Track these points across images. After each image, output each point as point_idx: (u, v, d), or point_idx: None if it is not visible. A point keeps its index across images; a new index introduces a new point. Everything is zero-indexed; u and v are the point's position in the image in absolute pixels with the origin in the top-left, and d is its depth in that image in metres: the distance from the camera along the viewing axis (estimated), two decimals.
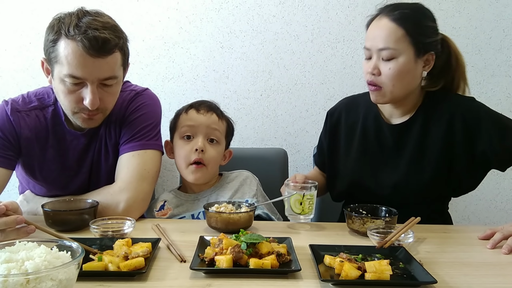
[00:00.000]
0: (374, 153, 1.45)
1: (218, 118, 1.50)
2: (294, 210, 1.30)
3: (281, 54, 2.17)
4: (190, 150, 1.44)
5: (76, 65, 1.18)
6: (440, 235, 1.26)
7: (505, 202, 2.27)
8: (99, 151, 1.40)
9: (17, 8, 2.12)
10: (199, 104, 1.52)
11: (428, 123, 1.39)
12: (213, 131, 1.47)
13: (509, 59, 2.18)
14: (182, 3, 2.14)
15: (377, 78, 1.32)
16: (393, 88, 1.31)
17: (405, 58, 1.29)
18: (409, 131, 1.40)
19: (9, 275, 0.67)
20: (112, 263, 0.91)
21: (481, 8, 2.14)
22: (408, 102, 1.39)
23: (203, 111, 1.48)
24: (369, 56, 1.34)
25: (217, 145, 1.49)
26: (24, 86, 2.13)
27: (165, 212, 1.50)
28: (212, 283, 0.88)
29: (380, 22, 1.31)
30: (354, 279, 0.89)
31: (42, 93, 1.40)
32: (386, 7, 1.34)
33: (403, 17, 1.29)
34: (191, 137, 1.47)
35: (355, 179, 1.47)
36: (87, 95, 1.21)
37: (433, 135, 1.37)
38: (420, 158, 1.38)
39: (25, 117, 1.34)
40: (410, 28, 1.28)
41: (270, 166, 1.79)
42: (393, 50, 1.28)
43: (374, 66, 1.31)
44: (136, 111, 1.40)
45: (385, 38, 1.28)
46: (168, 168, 2.22)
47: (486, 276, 0.97)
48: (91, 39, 1.16)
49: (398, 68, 1.28)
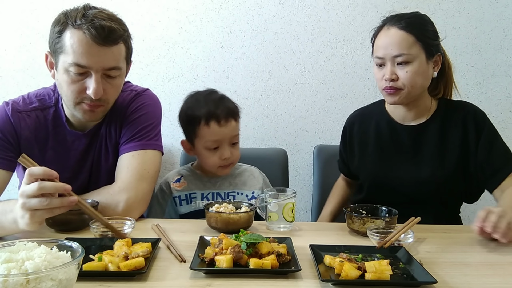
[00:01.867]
0: (390, 153, 1.53)
1: (236, 121, 1.55)
2: (287, 218, 1.25)
3: (281, 54, 2.18)
4: (218, 159, 1.52)
5: (82, 53, 1.19)
6: (440, 235, 1.26)
7: None
8: (99, 151, 1.40)
9: (17, 8, 2.12)
10: (217, 111, 1.48)
11: (445, 126, 1.49)
12: (235, 137, 1.55)
13: (509, 59, 2.18)
14: (182, 3, 2.14)
15: (395, 83, 1.40)
16: (411, 89, 1.40)
17: (419, 61, 1.39)
18: (427, 132, 1.49)
19: (9, 275, 0.67)
20: (112, 263, 0.91)
21: (481, 8, 2.15)
22: (420, 104, 1.49)
23: (224, 121, 1.49)
24: (382, 63, 1.42)
25: (237, 144, 1.58)
26: (24, 86, 2.13)
27: (181, 185, 1.59)
28: (212, 283, 0.88)
29: (390, 32, 1.40)
30: (354, 279, 0.89)
31: (43, 94, 1.40)
32: (391, 18, 1.43)
33: (410, 24, 1.39)
34: (216, 147, 1.52)
35: (375, 178, 1.54)
36: (91, 84, 1.22)
37: (451, 136, 1.47)
38: (441, 156, 1.47)
39: (25, 117, 1.34)
40: (419, 34, 1.38)
41: (270, 166, 1.79)
42: (407, 55, 1.37)
43: (391, 72, 1.39)
44: (137, 111, 1.40)
45: (398, 45, 1.37)
46: (168, 168, 2.22)
47: (486, 276, 0.97)
48: (97, 28, 1.18)
49: (415, 71, 1.38)
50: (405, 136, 1.52)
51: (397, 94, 1.42)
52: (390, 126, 1.55)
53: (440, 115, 1.51)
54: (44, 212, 1.00)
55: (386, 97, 1.47)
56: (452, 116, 1.50)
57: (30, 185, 0.98)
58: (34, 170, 1.00)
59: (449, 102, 1.55)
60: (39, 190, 0.97)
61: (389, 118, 1.56)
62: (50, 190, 0.99)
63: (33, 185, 0.98)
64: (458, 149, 1.46)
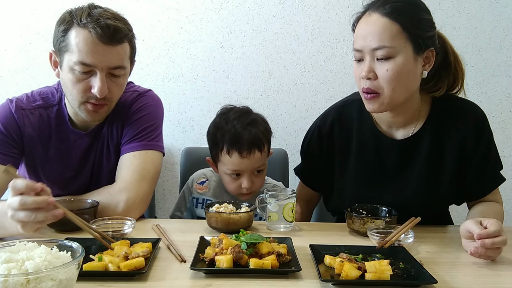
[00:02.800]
0: (374, 172, 1.32)
1: (261, 152, 1.44)
2: (287, 218, 1.25)
3: (281, 54, 2.18)
4: (238, 187, 1.47)
5: (87, 52, 1.19)
6: (440, 235, 1.26)
7: (505, 202, 2.24)
8: (101, 151, 1.41)
9: (17, 8, 2.12)
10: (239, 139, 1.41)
11: (440, 135, 1.27)
12: (257, 168, 1.47)
13: (509, 59, 2.18)
14: (182, 3, 2.14)
15: (373, 83, 1.16)
16: (392, 93, 1.15)
17: (404, 57, 1.13)
18: (419, 146, 1.28)
19: (9, 275, 0.67)
20: (112, 263, 0.91)
21: (481, 8, 2.14)
22: (408, 109, 1.25)
23: (246, 153, 1.41)
24: (360, 58, 1.18)
25: (263, 172, 1.50)
26: (24, 86, 2.13)
27: (202, 188, 1.58)
28: (212, 283, 0.88)
29: (371, 19, 1.16)
30: (354, 279, 0.89)
31: (46, 93, 1.40)
32: (374, 2, 1.18)
33: (396, 10, 1.13)
34: (238, 174, 1.47)
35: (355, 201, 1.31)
36: (96, 83, 1.22)
37: (447, 147, 1.26)
38: (435, 173, 1.27)
39: (29, 115, 1.35)
40: (406, 22, 1.13)
41: (270, 166, 1.79)
42: (389, 49, 1.12)
43: (369, 68, 1.14)
44: (139, 112, 1.40)
45: (379, 35, 1.13)
46: (168, 168, 2.22)
47: (486, 276, 0.97)
48: (103, 27, 1.19)
49: (397, 69, 1.13)
50: (394, 153, 1.29)
51: (376, 101, 1.17)
52: (375, 138, 1.32)
53: (434, 122, 1.28)
54: (34, 224, 0.98)
55: (365, 103, 1.22)
56: (448, 123, 1.27)
57: (14, 199, 0.97)
58: (17, 183, 0.97)
59: (445, 103, 1.29)
60: (20, 206, 0.95)
61: (373, 125, 1.32)
62: (31, 205, 0.97)
63: (16, 199, 0.96)
64: (454, 164, 1.26)
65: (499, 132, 2.21)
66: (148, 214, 1.54)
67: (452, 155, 1.27)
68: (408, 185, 1.29)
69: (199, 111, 2.21)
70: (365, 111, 1.29)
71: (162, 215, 2.24)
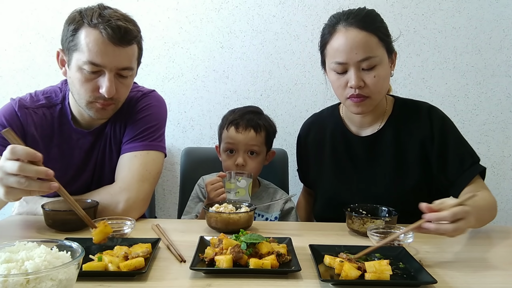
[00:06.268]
0: (347, 167, 1.45)
1: (256, 133, 1.59)
2: (250, 194, 1.45)
3: (281, 54, 2.18)
4: (232, 164, 1.59)
5: (97, 52, 1.20)
6: (439, 235, 1.25)
7: (505, 202, 2.27)
8: (104, 150, 1.41)
9: (17, 8, 2.12)
10: (238, 119, 1.60)
11: (399, 132, 1.39)
12: (251, 146, 1.60)
13: (509, 59, 2.18)
14: (182, 3, 2.14)
15: (363, 90, 1.28)
16: (379, 96, 1.31)
17: (384, 63, 1.29)
18: (382, 140, 1.40)
19: (9, 275, 0.67)
20: (112, 263, 0.91)
21: (481, 8, 2.15)
22: (377, 107, 1.40)
23: (241, 129, 1.58)
24: (343, 70, 1.29)
25: (257, 156, 1.62)
26: (24, 86, 2.13)
27: None
28: (212, 283, 0.88)
29: (350, 34, 1.26)
30: (354, 279, 0.89)
31: (50, 92, 1.41)
32: (343, 16, 1.29)
33: (369, 24, 1.27)
34: (233, 151, 1.60)
35: (332, 197, 1.45)
36: (104, 83, 1.23)
37: (408, 141, 1.38)
38: (400, 166, 1.37)
39: (32, 114, 1.35)
40: (379, 33, 1.28)
41: (270, 166, 1.79)
42: (374, 58, 1.26)
43: (358, 78, 1.26)
44: (142, 111, 1.41)
45: (363, 48, 1.24)
46: (168, 168, 2.22)
47: (486, 276, 0.97)
48: (114, 28, 1.20)
49: (382, 75, 1.28)
50: (360, 148, 1.42)
51: (365, 104, 1.30)
52: (344, 137, 1.46)
53: (395, 118, 1.41)
54: (21, 192, 0.97)
55: (352, 107, 1.33)
56: (407, 118, 1.39)
57: (11, 163, 0.95)
58: (18, 149, 0.96)
59: (404, 102, 1.44)
60: (19, 171, 0.94)
61: (344, 127, 1.47)
62: (31, 174, 0.96)
63: (14, 163, 0.94)
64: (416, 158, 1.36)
65: (499, 132, 2.22)
66: (148, 214, 1.54)
67: (413, 148, 1.37)
68: (377, 177, 1.40)
69: (199, 111, 2.21)
70: (338, 117, 1.49)
71: (162, 215, 2.25)
